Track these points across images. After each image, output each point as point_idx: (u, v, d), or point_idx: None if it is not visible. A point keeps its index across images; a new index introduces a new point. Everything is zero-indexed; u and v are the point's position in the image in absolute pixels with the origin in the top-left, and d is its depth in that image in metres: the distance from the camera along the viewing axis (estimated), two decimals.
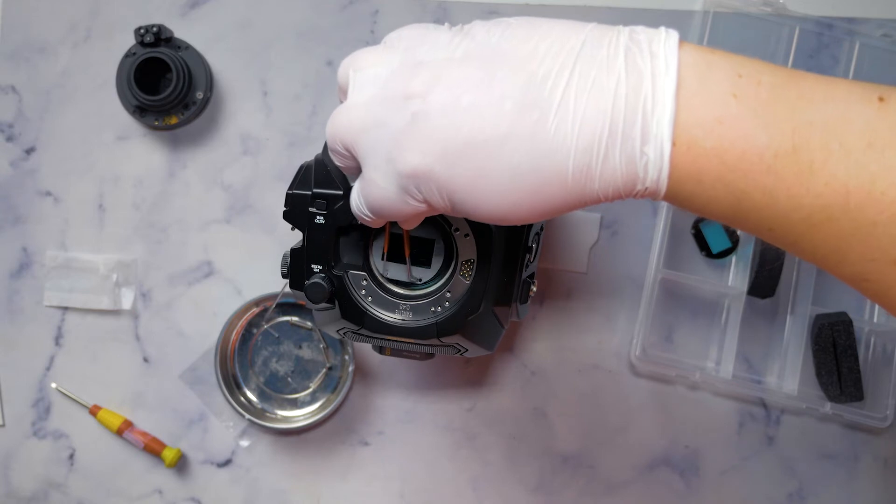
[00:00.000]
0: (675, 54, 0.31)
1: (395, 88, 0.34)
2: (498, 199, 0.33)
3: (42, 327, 0.69)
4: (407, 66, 0.35)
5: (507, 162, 0.32)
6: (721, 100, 0.31)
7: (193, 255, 0.69)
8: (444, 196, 0.34)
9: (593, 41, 0.33)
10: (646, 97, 0.31)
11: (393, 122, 0.34)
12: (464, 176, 0.33)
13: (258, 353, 0.68)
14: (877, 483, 0.67)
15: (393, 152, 0.34)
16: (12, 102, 0.69)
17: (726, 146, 0.31)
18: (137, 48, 0.66)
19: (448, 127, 0.33)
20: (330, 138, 0.37)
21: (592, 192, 0.32)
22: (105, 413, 0.68)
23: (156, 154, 0.69)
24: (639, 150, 0.31)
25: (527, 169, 0.32)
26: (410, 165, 0.33)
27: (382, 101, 0.35)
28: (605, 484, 0.68)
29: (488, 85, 0.32)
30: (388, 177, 0.35)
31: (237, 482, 0.68)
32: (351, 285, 0.47)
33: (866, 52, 0.66)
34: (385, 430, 0.68)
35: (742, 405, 0.67)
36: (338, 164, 0.38)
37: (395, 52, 0.36)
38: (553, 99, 0.32)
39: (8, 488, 0.69)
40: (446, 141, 0.33)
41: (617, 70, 0.31)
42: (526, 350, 0.68)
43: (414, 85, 0.33)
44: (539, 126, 0.32)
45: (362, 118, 0.35)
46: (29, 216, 0.69)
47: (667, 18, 0.67)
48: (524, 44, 0.33)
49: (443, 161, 0.33)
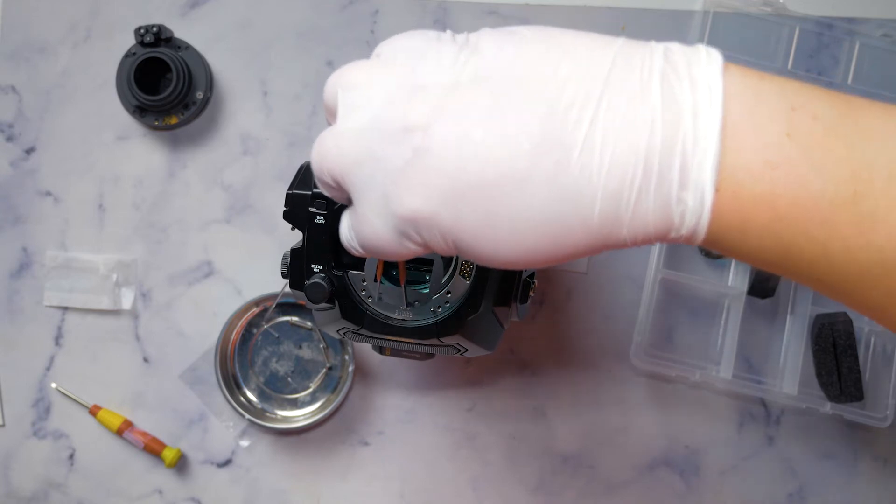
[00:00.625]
0: (719, 82, 0.27)
1: (393, 118, 0.29)
2: (511, 247, 0.29)
3: (42, 327, 0.69)
4: (405, 90, 0.30)
5: (523, 207, 0.28)
6: (773, 140, 0.27)
7: (193, 255, 0.69)
8: (448, 241, 0.30)
9: (623, 63, 0.28)
10: (685, 135, 0.27)
11: (390, 158, 0.29)
12: (472, 221, 0.29)
13: (258, 353, 0.68)
14: (877, 483, 0.67)
15: (390, 192, 0.30)
16: (12, 102, 0.69)
17: (777, 193, 0.27)
18: (137, 48, 0.66)
19: (454, 166, 0.28)
20: (316, 167, 0.32)
21: (619, 239, 0.28)
22: (105, 413, 0.68)
23: (156, 154, 0.69)
24: (675, 196, 0.27)
25: (545, 215, 0.28)
26: (410, 209, 0.29)
27: (378, 132, 0.30)
28: (605, 484, 0.68)
29: (501, 117, 0.28)
30: (384, 218, 0.30)
31: (237, 482, 0.68)
32: (351, 285, 0.47)
33: (866, 52, 0.66)
34: (385, 430, 0.68)
35: (742, 405, 0.67)
36: (324, 192, 0.34)
37: (390, 68, 0.31)
38: (577, 135, 0.27)
39: (8, 488, 0.69)
40: (452, 182, 0.28)
41: (651, 101, 0.27)
42: (526, 350, 0.68)
43: (415, 115, 0.29)
44: (560, 167, 0.27)
45: (354, 149, 0.30)
46: (29, 216, 0.69)
47: (667, 18, 0.67)
48: (542, 65, 0.28)
49: (448, 205, 0.29)
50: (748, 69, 0.29)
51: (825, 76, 0.66)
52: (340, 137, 0.31)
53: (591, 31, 0.30)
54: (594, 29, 0.31)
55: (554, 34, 0.30)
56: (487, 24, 0.69)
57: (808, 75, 0.66)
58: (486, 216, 0.29)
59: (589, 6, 0.67)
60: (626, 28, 0.67)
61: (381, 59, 0.31)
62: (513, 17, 0.67)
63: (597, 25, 0.67)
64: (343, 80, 0.31)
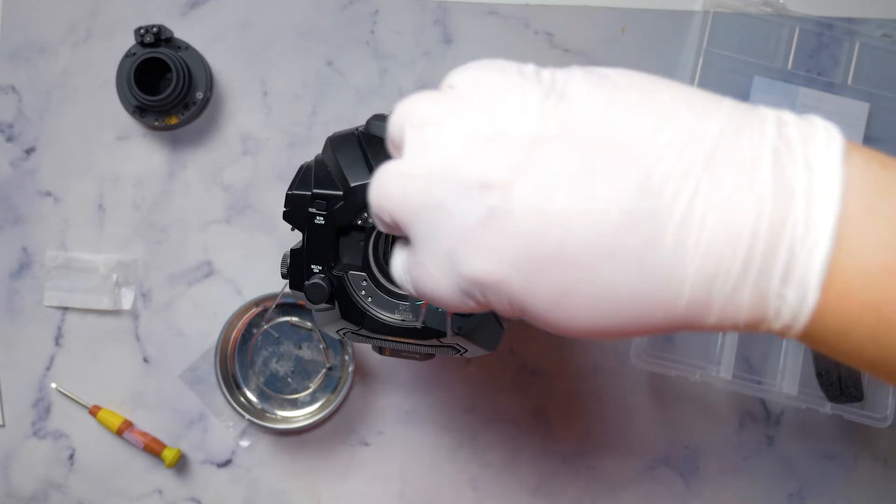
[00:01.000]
0: (838, 169, 0.24)
1: (469, 169, 0.26)
2: (584, 321, 0.27)
3: (42, 327, 0.69)
4: (484, 138, 0.27)
5: (604, 282, 0.26)
6: (893, 243, 0.24)
7: (193, 255, 0.69)
8: (514, 306, 0.28)
9: (731, 133, 0.25)
10: (795, 224, 0.24)
11: (462, 213, 0.27)
12: (546, 291, 0.26)
13: (258, 353, 0.68)
14: (877, 483, 0.67)
15: (458, 250, 0.27)
16: (12, 102, 0.69)
17: (889, 300, 0.24)
18: (137, 48, 0.66)
19: (534, 233, 0.26)
20: (375, 205, 0.29)
21: (703, 325, 0.26)
22: (105, 413, 0.68)
23: (156, 154, 0.69)
24: (775, 291, 0.25)
25: (628, 293, 0.26)
26: (479, 271, 0.27)
27: (450, 182, 0.27)
28: (605, 484, 0.68)
29: (590, 182, 0.25)
30: (447, 273, 0.28)
31: (237, 482, 0.69)
32: (351, 286, 0.47)
33: (866, 52, 0.66)
34: (385, 430, 0.68)
35: (742, 405, 0.67)
36: (378, 227, 0.32)
37: (466, 107, 0.28)
38: (673, 212, 0.25)
39: (8, 488, 0.69)
40: (529, 249, 0.26)
41: (761, 181, 0.24)
42: (526, 350, 0.68)
43: (494, 170, 0.26)
44: (651, 244, 0.25)
45: (421, 196, 0.28)
46: (29, 216, 0.69)
47: (667, 18, 0.67)
48: (638, 126, 0.26)
49: (521, 272, 0.26)
50: (871, 152, 0.26)
51: (825, 76, 0.66)
52: (407, 180, 0.28)
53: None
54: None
55: (649, 86, 0.27)
56: (487, 24, 0.69)
57: (807, 75, 0.66)
58: (563, 288, 0.26)
59: (589, 6, 0.67)
60: (626, 28, 0.67)
61: (454, 94, 0.28)
62: (513, 17, 0.67)
63: (597, 25, 0.67)
64: (414, 115, 0.28)
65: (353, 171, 0.46)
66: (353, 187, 0.45)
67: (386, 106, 0.68)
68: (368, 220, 0.46)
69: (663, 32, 0.67)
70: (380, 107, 0.68)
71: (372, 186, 0.29)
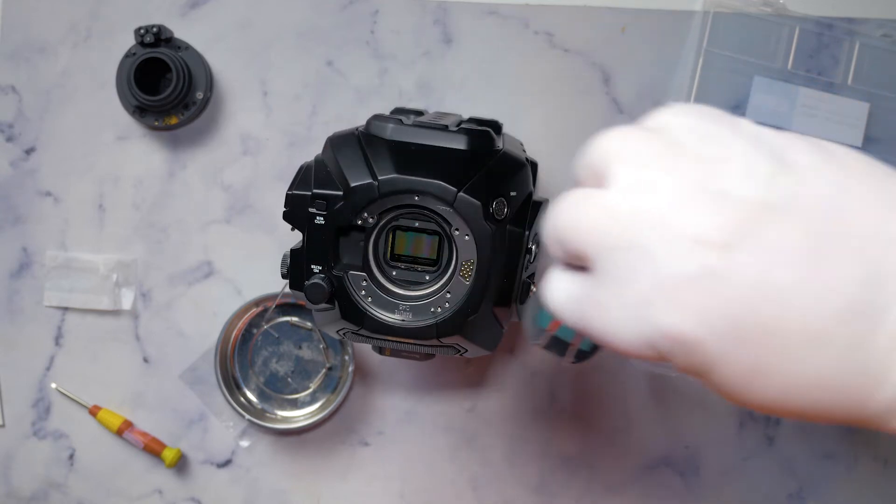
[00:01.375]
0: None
1: (687, 221, 0.25)
2: (772, 398, 0.26)
3: (42, 327, 0.69)
4: (706, 193, 0.25)
5: (805, 365, 0.25)
6: None
7: (193, 255, 0.69)
8: (699, 369, 0.26)
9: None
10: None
11: (669, 264, 0.25)
12: (742, 363, 0.25)
13: (258, 353, 0.68)
14: (877, 483, 0.67)
15: (655, 300, 0.26)
16: (12, 102, 0.69)
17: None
18: (137, 48, 0.66)
19: (746, 304, 0.25)
20: (558, 231, 0.29)
21: (889, 428, 0.25)
22: (105, 413, 0.68)
23: (156, 154, 0.69)
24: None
25: (825, 381, 0.25)
26: (676, 328, 0.25)
27: (661, 229, 0.26)
28: (605, 484, 0.68)
29: (816, 263, 0.24)
30: (633, 320, 0.26)
31: (237, 482, 0.69)
32: (351, 286, 0.47)
33: (866, 52, 0.66)
34: (385, 430, 0.68)
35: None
36: (551, 253, 0.30)
37: (683, 152, 0.27)
38: (890, 309, 0.24)
39: (8, 488, 0.69)
40: (737, 317, 0.25)
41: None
42: (526, 350, 0.68)
43: (713, 229, 0.25)
44: (863, 339, 0.24)
45: (623, 234, 0.26)
46: (29, 216, 0.69)
47: (667, 18, 0.67)
48: (868, 213, 0.25)
49: (721, 339, 0.25)
50: None
51: (825, 76, 0.66)
52: (611, 215, 0.27)
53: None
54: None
55: (878, 172, 0.26)
56: (487, 25, 0.69)
57: (807, 75, 0.66)
58: (761, 362, 0.25)
59: (589, 6, 0.67)
60: (626, 28, 0.67)
61: (670, 138, 0.27)
62: (513, 17, 0.67)
63: (597, 25, 0.67)
64: (626, 151, 0.27)
65: (353, 171, 0.46)
66: (353, 187, 0.45)
67: (386, 106, 0.68)
68: (368, 220, 0.46)
69: (663, 32, 0.67)
70: (380, 107, 0.68)
71: (558, 212, 0.29)
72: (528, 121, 0.67)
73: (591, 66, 0.67)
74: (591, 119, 0.67)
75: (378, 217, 0.46)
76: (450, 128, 0.47)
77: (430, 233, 0.47)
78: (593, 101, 0.67)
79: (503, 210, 0.45)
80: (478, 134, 0.47)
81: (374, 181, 0.45)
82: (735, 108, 0.66)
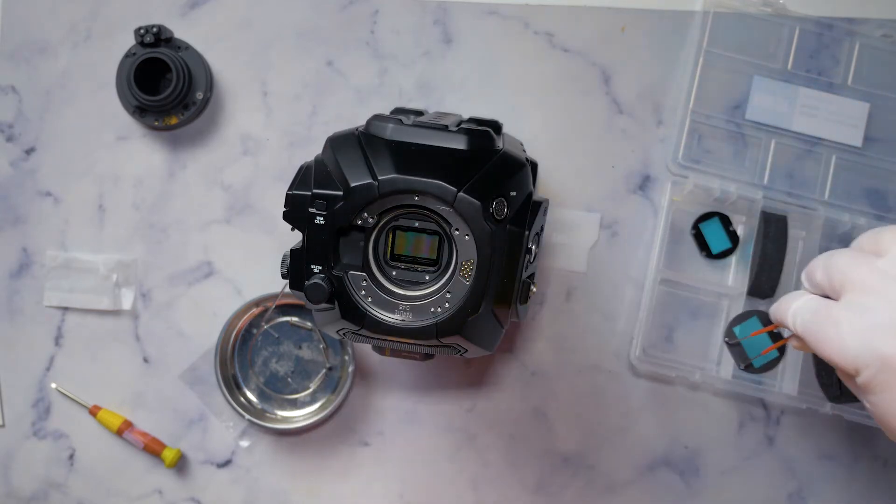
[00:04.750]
0: None
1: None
2: None
3: (42, 327, 0.69)
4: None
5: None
6: None
7: (193, 255, 0.69)
8: (879, 386, 0.38)
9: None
10: None
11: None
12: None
13: (258, 353, 0.68)
14: (877, 483, 0.67)
15: (882, 331, 0.37)
16: (12, 102, 0.69)
17: None
18: (137, 48, 0.66)
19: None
20: (827, 269, 0.41)
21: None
22: (105, 413, 0.68)
23: (156, 154, 0.69)
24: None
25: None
26: (888, 352, 0.37)
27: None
28: (605, 484, 0.68)
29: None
30: (857, 339, 0.38)
31: (237, 482, 0.69)
32: (351, 286, 0.47)
33: (866, 52, 0.66)
34: (385, 430, 0.68)
35: (742, 405, 0.67)
36: (806, 284, 0.44)
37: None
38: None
39: (8, 488, 0.69)
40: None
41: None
42: (526, 350, 0.68)
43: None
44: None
45: (875, 284, 0.39)
46: (29, 216, 0.69)
47: (667, 18, 0.67)
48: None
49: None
50: None
51: (825, 76, 0.66)
52: (877, 270, 0.40)
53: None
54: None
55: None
56: (487, 24, 0.69)
57: (808, 75, 0.66)
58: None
59: (589, 6, 0.67)
60: (626, 28, 0.67)
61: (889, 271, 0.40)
62: (513, 17, 0.67)
63: (597, 25, 0.67)
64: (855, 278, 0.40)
65: (353, 171, 0.46)
66: (353, 187, 0.45)
67: (386, 106, 0.68)
68: (368, 220, 0.46)
69: (663, 32, 0.67)
70: (380, 107, 0.68)
71: (837, 255, 0.42)
72: (528, 121, 0.67)
73: (591, 66, 0.67)
74: (591, 119, 0.67)
75: (378, 217, 0.46)
76: (450, 128, 0.47)
77: (430, 233, 0.47)
78: (593, 101, 0.67)
79: (503, 210, 0.45)
80: (478, 134, 0.47)
81: (374, 181, 0.45)
82: (735, 108, 0.66)
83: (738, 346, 0.62)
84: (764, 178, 0.66)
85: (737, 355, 0.62)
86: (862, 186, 0.66)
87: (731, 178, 0.66)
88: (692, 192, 0.66)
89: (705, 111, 0.66)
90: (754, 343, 0.62)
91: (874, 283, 0.39)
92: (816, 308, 0.41)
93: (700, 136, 0.66)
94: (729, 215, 0.67)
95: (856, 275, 0.39)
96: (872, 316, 0.38)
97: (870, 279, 0.39)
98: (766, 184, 0.66)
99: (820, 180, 0.66)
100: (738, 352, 0.62)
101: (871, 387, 0.38)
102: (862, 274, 0.39)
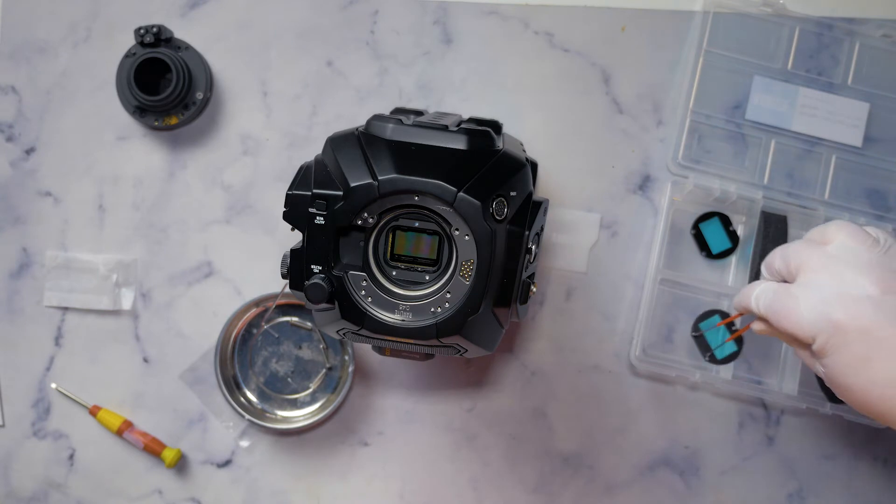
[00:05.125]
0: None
1: (863, 277, 0.44)
2: (877, 391, 0.43)
3: (42, 327, 0.69)
4: (880, 266, 0.45)
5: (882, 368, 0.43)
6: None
7: (193, 255, 0.69)
8: (831, 348, 0.44)
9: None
10: None
11: (847, 287, 0.44)
12: (857, 350, 0.43)
13: (258, 353, 0.68)
14: (877, 483, 0.67)
15: (833, 303, 0.44)
16: (12, 102, 0.69)
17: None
18: (137, 48, 0.66)
19: (875, 320, 0.43)
20: (785, 257, 0.48)
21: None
22: (105, 413, 0.68)
23: (156, 154, 0.69)
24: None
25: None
26: (837, 319, 0.43)
27: (850, 271, 0.45)
28: (605, 484, 0.68)
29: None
30: (813, 311, 0.44)
31: (237, 482, 0.69)
32: (351, 286, 0.47)
33: (866, 52, 0.66)
34: (385, 430, 0.68)
35: (742, 405, 0.67)
36: (772, 267, 0.50)
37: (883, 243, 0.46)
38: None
39: (8, 488, 0.69)
40: (870, 325, 0.43)
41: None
42: (526, 350, 0.68)
43: (877, 285, 0.44)
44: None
45: (824, 266, 0.46)
46: (29, 216, 0.69)
47: (667, 18, 0.67)
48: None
49: (859, 332, 0.43)
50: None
51: (825, 76, 0.66)
52: (824, 255, 0.47)
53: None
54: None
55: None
56: (487, 24, 0.69)
57: (807, 75, 0.66)
58: (871, 354, 0.43)
59: (589, 6, 0.67)
60: (626, 28, 0.67)
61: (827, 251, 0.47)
62: (513, 17, 0.67)
63: (597, 25, 0.67)
64: (846, 228, 0.47)
65: (353, 171, 0.46)
66: (353, 187, 0.45)
67: (386, 106, 0.68)
68: (368, 220, 0.46)
69: (663, 32, 0.67)
70: (380, 107, 0.68)
71: (793, 246, 0.48)
72: (528, 121, 0.67)
73: (591, 65, 0.67)
74: (591, 119, 0.67)
75: (378, 217, 0.46)
76: (450, 128, 0.47)
77: (430, 233, 0.47)
78: (593, 101, 0.67)
79: (503, 210, 0.45)
80: (478, 134, 0.47)
81: (374, 181, 0.45)
82: (735, 108, 0.66)
83: (702, 337, 0.66)
84: (764, 178, 0.66)
85: (701, 346, 0.66)
86: (862, 186, 0.66)
87: (731, 178, 0.66)
88: (692, 192, 0.66)
89: (705, 111, 0.66)
90: (716, 335, 0.66)
91: (824, 264, 0.46)
92: (776, 289, 0.48)
93: (700, 136, 0.66)
94: (729, 215, 0.67)
95: (808, 259, 0.46)
96: (824, 291, 0.45)
97: (820, 262, 0.46)
98: (766, 184, 0.66)
99: (820, 180, 0.66)
100: (702, 343, 0.66)
101: (825, 350, 0.44)
102: (813, 258, 0.46)
